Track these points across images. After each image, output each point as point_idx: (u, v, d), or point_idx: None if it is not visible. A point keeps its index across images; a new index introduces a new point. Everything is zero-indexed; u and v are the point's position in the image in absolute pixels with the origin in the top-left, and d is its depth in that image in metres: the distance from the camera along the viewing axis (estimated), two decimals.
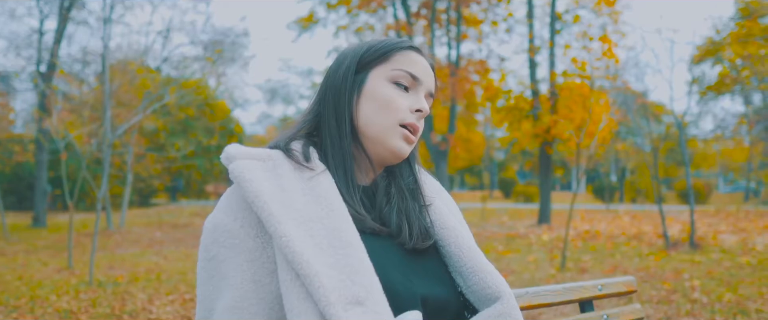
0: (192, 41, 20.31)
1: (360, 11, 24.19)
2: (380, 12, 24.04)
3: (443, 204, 1.21)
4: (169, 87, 11.70)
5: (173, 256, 9.42)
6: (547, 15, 19.03)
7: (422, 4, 19.70)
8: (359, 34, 25.77)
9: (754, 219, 16.58)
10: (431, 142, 17.47)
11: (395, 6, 19.64)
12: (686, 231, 11.80)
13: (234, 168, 1.02)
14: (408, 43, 1.15)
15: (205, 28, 21.20)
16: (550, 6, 18.27)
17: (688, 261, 8.42)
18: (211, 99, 22.97)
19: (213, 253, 1.02)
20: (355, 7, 22.88)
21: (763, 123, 24.00)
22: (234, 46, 20.86)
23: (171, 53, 20.59)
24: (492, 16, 20.60)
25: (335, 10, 24.91)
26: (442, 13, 19.26)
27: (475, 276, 1.11)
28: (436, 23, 19.07)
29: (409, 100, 1.12)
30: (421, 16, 19.78)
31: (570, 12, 19.24)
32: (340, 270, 0.94)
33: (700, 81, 29.05)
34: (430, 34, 18.66)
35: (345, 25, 26.01)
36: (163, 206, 23.72)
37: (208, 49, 19.93)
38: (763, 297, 5.73)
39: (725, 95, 29.31)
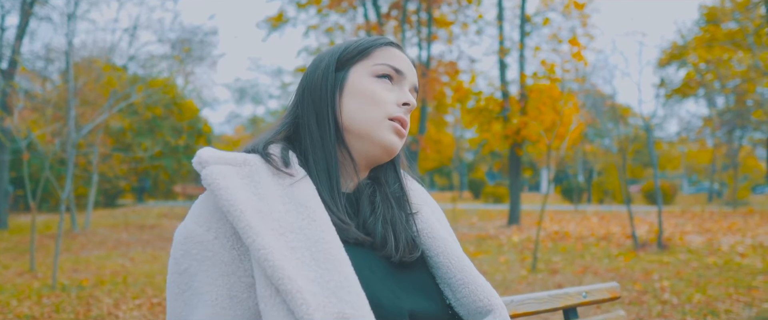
0: (159, 39, 20.00)
1: (330, 11, 24.08)
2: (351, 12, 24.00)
3: (430, 212, 1.15)
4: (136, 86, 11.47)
5: (140, 259, 9.22)
6: (517, 17, 19.16)
7: (392, 4, 19.69)
8: (329, 34, 25.67)
9: (719, 219, 16.88)
10: None
11: (365, 6, 19.59)
12: (654, 231, 11.95)
13: (207, 174, 0.94)
14: (387, 40, 1.10)
15: (173, 26, 20.86)
16: (520, 8, 18.39)
17: (656, 261, 8.51)
18: (178, 98, 22.66)
19: (184, 267, 0.94)
20: (326, 7, 22.79)
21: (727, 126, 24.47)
22: (202, 45, 20.58)
23: (138, 51, 20.25)
24: (462, 17, 20.68)
25: (305, 10, 24.76)
26: (413, 14, 19.27)
27: (465, 289, 1.05)
28: (406, 24, 19.06)
29: (394, 94, 1.06)
30: (392, 17, 19.76)
31: (540, 14, 19.40)
32: (324, 286, 0.87)
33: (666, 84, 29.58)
34: (401, 35, 18.63)
35: (315, 25, 25.89)
36: (130, 207, 23.31)
37: (176, 48, 19.64)
38: (731, 298, 5.80)
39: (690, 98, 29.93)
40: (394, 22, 19.85)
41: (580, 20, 18.01)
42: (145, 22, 27.08)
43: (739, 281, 6.79)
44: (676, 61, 28.26)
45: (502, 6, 18.40)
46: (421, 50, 18.85)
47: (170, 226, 15.35)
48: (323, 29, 25.66)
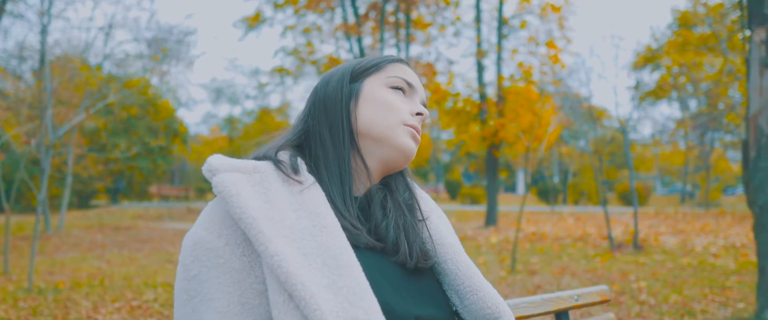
0: (135, 38, 19.77)
1: (307, 11, 24.02)
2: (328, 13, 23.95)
3: (438, 218, 1.17)
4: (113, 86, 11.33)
5: (117, 261, 9.12)
6: (494, 19, 19.28)
7: (370, 5, 19.70)
8: (306, 34, 25.60)
9: (691, 220, 17.15)
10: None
11: (344, 7, 19.57)
12: (629, 232, 12.11)
13: (218, 181, 0.95)
14: (398, 57, 1.14)
15: (150, 25, 20.64)
16: (498, 11, 18.50)
17: (632, 262, 8.63)
18: (154, 98, 22.44)
19: (194, 273, 0.94)
20: (303, 8, 22.70)
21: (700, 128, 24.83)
22: (179, 45, 20.40)
23: (113, 50, 20.00)
24: (440, 19, 20.76)
25: (282, 10, 24.65)
26: (391, 15, 19.30)
27: (473, 296, 1.07)
28: (384, 25, 19.08)
29: (407, 105, 1.09)
30: (370, 18, 19.78)
31: (517, 17, 19.53)
32: (336, 292, 0.88)
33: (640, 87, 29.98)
34: (379, 36, 18.67)
35: (292, 26, 25.79)
36: (104, 208, 23.03)
37: (152, 47, 19.43)
38: (706, 298, 5.90)
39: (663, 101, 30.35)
40: (372, 23, 19.87)
41: (556, 23, 18.18)
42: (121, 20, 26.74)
43: (714, 281, 6.91)
44: (650, 64, 28.67)
45: (479, 8, 18.50)
46: (400, 52, 18.89)
47: (146, 228, 15.18)
48: (300, 30, 25.59)
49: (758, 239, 4.76)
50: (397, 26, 19.00)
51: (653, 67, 29.65)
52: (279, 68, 28.74)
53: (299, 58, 27.13)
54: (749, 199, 4.88)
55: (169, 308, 5.36)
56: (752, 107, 4.93)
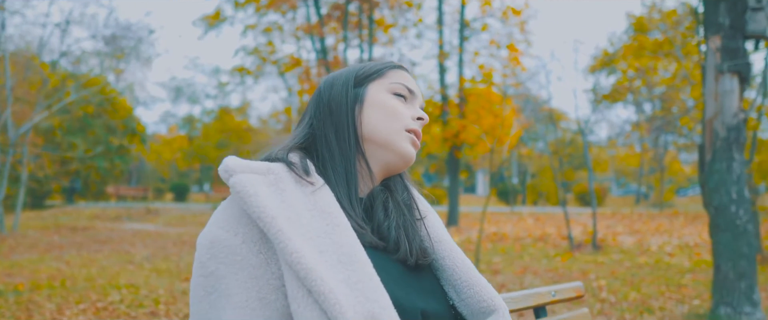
0: (93, 35, 19.37)
1: (269, 11, 23.87)
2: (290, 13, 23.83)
3: (434, 218, 1.22)
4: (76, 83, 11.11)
5: (76, 262, 8.95)
6: (456, 22, 19.48)
7: (333, 6, 19.69)
8: (268, 34, 25.44)
9: (647, 221, 17.60)
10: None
11: (307, 7, 19.51)
12: (587, 233, 12.38)
13: (236, 182, 0.99)
14: (399, 64, 1.19)
15: (108, 22, 20.23)
16: (460, 13, 18.69)
17: (592, 261, 8.84)
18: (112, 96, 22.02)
19: (211, 270, 0.97)
20: (264, 7, 22.53)
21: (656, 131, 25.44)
22: (139, 43, 20.06)
23: (70, 47, 19.57)
24: (403, 21, 20.86)
25: (243, 9, 24.42)
26: (353, 16, 19.32)
27: (470, 290, 1.12)
28: (347, 26, 19.10)
29: (409, 110, 1.14)
30: (333, 18, 19.77)
31: (478, 20, 19.74)
32: (352, 287, 0.93)
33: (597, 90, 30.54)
34: (343, 35, 18.68)
35: (253, 25, 25.58)
36: (59, 208, 22.50)
37: (111, 45, 19.08)
38: (663, 296, 6.11)
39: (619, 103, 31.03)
40: (334, 24, 19.87)
41: (517, 26, 18.47)
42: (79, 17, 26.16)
43: (670, 279, 7.14)
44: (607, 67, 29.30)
45: (441, 11, 18.67)
46: (363, 53, 18.92)
47: (104, 228, 14.91)
48: (261, 29, 25.41)
49: (714, 239, 4.95)
50: (360, 27, 19.04)
51: (610, 71, 30.34)
52: (239, 67, 28.46)
53: (260, 57, 26.95)
54: (705, 200, 5.08)
55: (136, 309, 5.32)
56: (708, 112, 5.13)
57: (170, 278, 7.14)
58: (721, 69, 5.01)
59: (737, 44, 5.02)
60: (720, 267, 4.84)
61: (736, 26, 5.02)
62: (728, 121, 4.94)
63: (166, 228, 14.54)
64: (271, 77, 31.84)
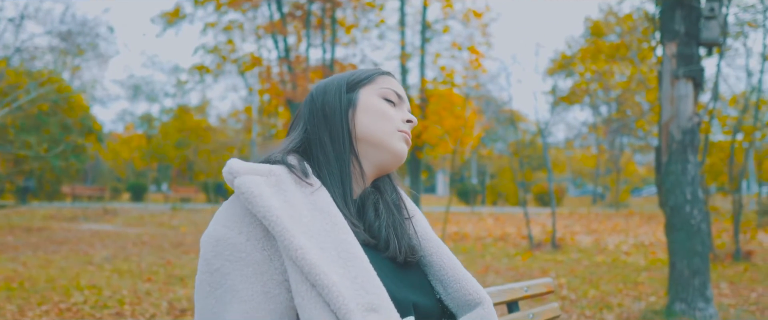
0: (48, 31, 18.92)
1: (229, 9, 23.63)
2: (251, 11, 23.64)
3: (421, 217, 1.29)
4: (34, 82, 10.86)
5: (32, 263, 8.77)
6: (418, 23, 19.62)
7: (295, 5, 19.63)
8: (228, 32, 25.20)
9: (603, 221, 18.01)
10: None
11: (270, 5, 19.42)
12: (546, 232, 12.62)
13: (241, 183, 1.04)
14: (386, 70, 1.25)
15: (64, 18, 19.81)
16: (421, 15, 18.82)
17: (551, 260, 9.04)
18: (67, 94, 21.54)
19: (216, 266, 1.02)
20: (225, 5, 22.31)
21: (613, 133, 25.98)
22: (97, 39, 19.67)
23: (24, 43, 19.08)
24: (365, 21, 20.89)
25: (203, 7, 24.12)
26: (315, 16, 19.29)
27: (456, 284, 1.20)
28: (310, 25, 19.07)
29: (398, 113, 1.21)
30: (296, 18, 19.71)
31: (440, 22, 19.91)
32: (352, 280, 0.99)
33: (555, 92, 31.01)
34: (305, 33, 18.65)
35: (213, 23, 25.31)
36: (11, 208, 21.92)
37: (67, 41, 18.67)
38: (621, 293, 6.30)
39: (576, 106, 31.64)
40: (297, 23, 19.81)
41: (478, 29, 18.69)
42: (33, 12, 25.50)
43: (627, 277, 7.36)
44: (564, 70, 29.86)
45: (403, 12, 18.77)
46: (325, 53, 18.92)
47: (60, 229, 14.60)
48: (221, 27, 25.17)
49: (669, 237, 5.14)
50: (322, 27, 19.03)
51: (567, 74, 30.94)
52: (199, 66, 28.11)
53: (220, 56, 26.68)
54: (661, 200, 5.27)
55: (100, 310, 5.27)
56: (664, 115, 5.32)
57: (133, 279, 7.06)
58: (676, 74, 5.20)
59: (692, 51, 5.23)
60: (675, 265, 5.03)
61: (691, 33, 5.22)
62: (683, 125, 5.13)
63: (124, 228, 14.32)
64: (231, 76, 31.54)
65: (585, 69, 25.18)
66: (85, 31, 19.18)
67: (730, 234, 9.25)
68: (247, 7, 20.34)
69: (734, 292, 6.33)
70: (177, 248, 10.29)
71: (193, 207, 22.94)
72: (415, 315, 1.10)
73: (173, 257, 9.03)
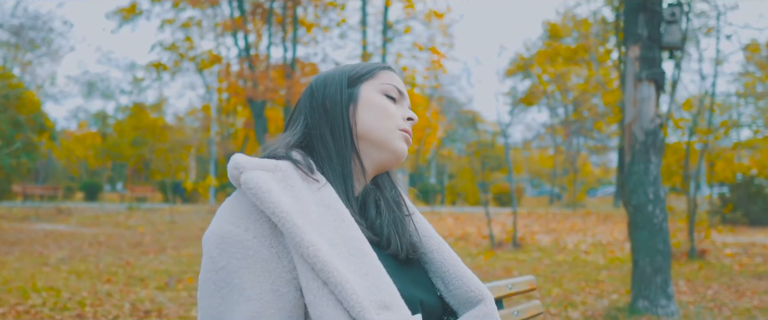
0: None
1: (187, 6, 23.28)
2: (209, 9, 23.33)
3: (420, 215, 1.29)
4: None
5: None
6: (379, 23, 19.65)
7: (255, 3, 19.45)
8: (186, 29, 24.83)
9: (561, 220, 18.31)
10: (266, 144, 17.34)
11: (231, 3, 19.19)
12: (507, 232, 12.77)
13: (248, 178, 1.01)
14: (388, 65, 1.23)
15: (16, 12, 19.24)
16: (383, 15, 18.85)
17: (513, 259, 9.15)
18: (19, 90, 20.93)
19: (221, 264, 0.99)
20: (184, 1, 22.00)
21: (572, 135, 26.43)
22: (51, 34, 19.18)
23: None
24: (326, 20, 20.82)
25: (160, 3, 23.74)
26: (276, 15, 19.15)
27: (458, 281, 1.19)
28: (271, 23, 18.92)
29: (400, 110, 1.19)
30: (257, 16, 19.53)
31: (402, 22, 19.97)
32: (363, 277, 0.98)
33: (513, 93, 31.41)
34: (267, 30, 18.49)
35: (171, 20, 24.90)
36: None
37: (20, 36, 18.15)
38: (584, 291, 6.41)
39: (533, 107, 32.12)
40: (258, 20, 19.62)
41: (440, 30, 18.82)
42: None
43: (588, 276, 7.50)
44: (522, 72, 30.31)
45: (365, 12, 18.77)
46: (286, 51, 18.80)
47: (11, 229, 14.16)
48: (179, 24, 24.77)
49: (632, 236, 5.25)
50: (284, 25, 18.90)
51: (525, 75, 31.42)
52: (156, 63, 27.62)
53: (178, 53, 26.26)
54: (625, 200, 5.38)
55: (60, 312, 5.13)
56: (627, 117, 5.44)
57: (91, 280, 6.89)
58: (639, 77, 5.32)
59: (654, 54, 5.35)
60: (638, 263, 5.14)
61: (653, 37, 5.35)
62: (646, 126, 5.25)
63: (79, 228, 13.97)
64: (189, 74, 31.09)
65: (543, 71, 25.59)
66: (37, 26, 18.67)
67: (685, 233, 9.50)
68: (207, 4, 20.05)
69: (692, 290, 6.51)
70: (135, 248, 10.09)
71: (150, 207, 22.51)
72: (422, 313, 1.09)
73: (132, 257, 8.85)
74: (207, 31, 25.81)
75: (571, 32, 23.09)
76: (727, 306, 5.57)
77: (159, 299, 5.67)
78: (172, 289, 6.27)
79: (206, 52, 26.66)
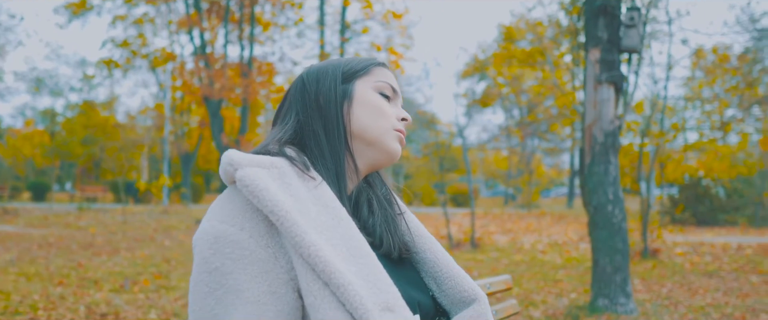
0: None
1: (140, 2, 22.84)
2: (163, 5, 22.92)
3: (411, 214, 1.26)
4: None
5: None
6: (337, 23, 19.58)
7: (211, 1, 19.18)
8: (138, 26, 24.34)
9: (517, 221, 18.55)
10: (222, 143, 17.10)
11: (186, 1, 18.89)
12: (464, 232, 12.86)
13: (243, 175, 0.97)
14: (382, 61, 1.20)
15: None
16: (341, 15, 18.80)
17: (472, 259, 9.22)
18: None
19: (215, 265, 0.95)
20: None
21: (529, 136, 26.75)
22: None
23: None
24: (283, 19, 20.66)
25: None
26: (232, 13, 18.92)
27: (450, 281, 1.17)
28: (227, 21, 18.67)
29: (394, 109, 1.16)
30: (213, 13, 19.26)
31: (359, 22, 19.95)
32: (365, 279, 0.94)
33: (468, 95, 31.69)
34: (223, 32, 18.25)
35: (123, 16, 24.38)
36: None
37: None
38: (543, 290, 6.50)
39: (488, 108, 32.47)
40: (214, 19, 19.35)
41: (398, 30, 18.86)
42: None
43: (546, 275, 7.60)
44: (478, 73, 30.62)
45: (323, 11, 18.68)
46: (243, 50, 18.59)
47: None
48: (132, 21, 24.27)
49: (592, 235, 5.34)
50: (241, 23, 18.68)
51: (480, 77, 31.76)
52: (107, 60, 26.99)
53: (130, 50, 25.71)
54: (585, 200, 5.47)
55: (12, 317, 4.94)
56: (587, 118, 5.53)
57: (42, 283, 6.67)
58: (599, 79, 5.41)
59: (614, 57, 5.45)
60: (598, 262, 5.23)
61: (612, 40, 5.45)
62: (606, 127, 5.34)
63: (27, 229, 13.53)
64: (142, 71, 30.47)
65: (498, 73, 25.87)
66: None
67: (638, 233, 9.72)
68: (160, 0, 19.71)
69: (646, 288, 6.66)
70: (87, 249, 9.82)
71: (101, 207, 21.95)
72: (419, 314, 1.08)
73: (84, 259, 8.61)
74: (160, 28, 25.35)
75: (526, 35, 23.42)
76: (681, 304, 5.72)
77: (115, 302, 5.53)
78: (128, 292, 6.12)
79: (160, 50, 26.18)
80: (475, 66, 29.36)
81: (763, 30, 14.20)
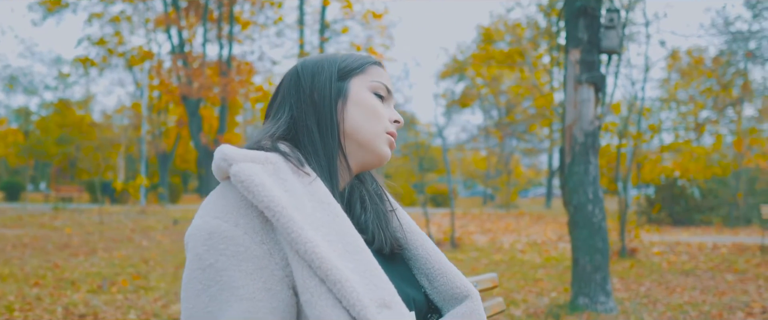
0: None
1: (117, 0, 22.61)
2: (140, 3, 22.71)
3: (402, 210, 1.26)
4: None
5: None
6: (317, 23, 19.55)
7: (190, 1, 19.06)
8: (115, 23, 24.08)
9: (495, 220, 18.64)
10: (201, 143, 16.98)
11: None
12: (444, 232, 12.90)
13: (238, 171, 0.95)
14: (377, 60, 1.19)
15: None
16: (320, 14, 18.78)
17: (452, 259, 9.21)
18: None
19: (209, 262, 0.93)
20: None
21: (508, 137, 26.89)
22: None
23: None
24: (263, 18, 20.58)
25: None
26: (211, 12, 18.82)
27: (443, 277, 1.17)
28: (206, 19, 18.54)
29: (387, 111, 1.16)
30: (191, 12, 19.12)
31: (339, 22, 19.94)
32: (361, 275, 0.94)
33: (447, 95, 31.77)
34: (202, 30, 18.13)
35: (99, 14, 24.11)
36: None
37: None
38: (524, 289, 6.54)
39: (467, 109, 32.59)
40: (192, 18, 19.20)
41: (378, 30, 18.88)
42: None
43: (526, 274, 7.65)
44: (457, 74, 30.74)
45: (303, 11, 18.65)
46: (222, 49, 18.48)
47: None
48: (108, 18, 24.01)
49: (572, 235, 5.38)
50: (220, 22, 18.56)
51: (459, 78, 31.89)
52: (83, 58, 26.65)
53: (106, 48, 25.42)
54: (565, 200, 5.51)
55: None
56: (568, 119, 5.57)
57: (18, 283, 6.57)
58: (580, 80, 5.45)
59: (594, 58, 5.50)
60: (578, 261, 5.27)
61: (592, 41, 5.50)
62: (586, 128, 5.39)
63: (1, 229, 13.32)
64: (118, 70, 30.14)
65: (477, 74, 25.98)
66: None
67: (616, 233, 9.82)
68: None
69: (625, 287, 6.73)
70: (63, 250, 9.68)
71: (77, 208, 21.66)
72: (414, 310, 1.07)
73: (60, 260, 8.49)
74: (138, 26, 25.09)
75: (504, 36, 23.57)
76: (660, 302, 5.79)
77: (93, 302, 5.46)
78: (106, 292, 6.05)
79: (137, 48, 25.93)
80: (454, 67, 29.48)
81: (737, 33, 14.41)
